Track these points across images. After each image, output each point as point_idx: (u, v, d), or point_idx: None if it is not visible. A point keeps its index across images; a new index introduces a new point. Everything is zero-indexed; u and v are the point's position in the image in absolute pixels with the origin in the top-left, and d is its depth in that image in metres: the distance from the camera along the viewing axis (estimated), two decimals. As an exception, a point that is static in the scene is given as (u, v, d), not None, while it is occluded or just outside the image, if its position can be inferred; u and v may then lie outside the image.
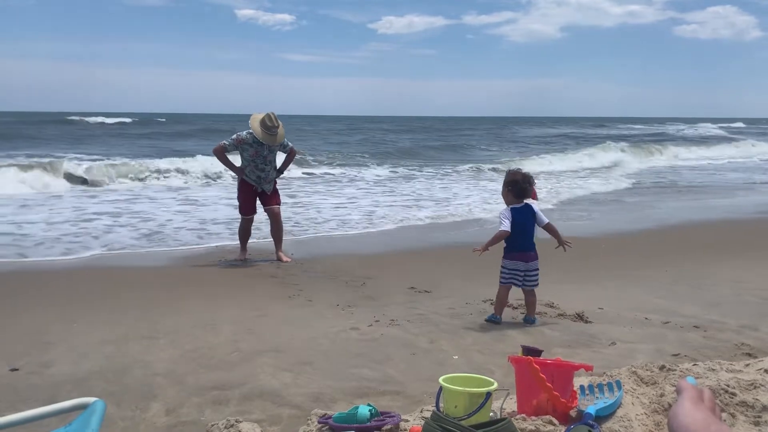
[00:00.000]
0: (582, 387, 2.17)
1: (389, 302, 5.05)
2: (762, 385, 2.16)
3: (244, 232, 7.07)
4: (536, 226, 4.57)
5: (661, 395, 2.17)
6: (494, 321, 4.46)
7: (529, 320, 4.47)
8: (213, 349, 3.87)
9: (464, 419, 1.84)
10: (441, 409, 1.99)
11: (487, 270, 4.89)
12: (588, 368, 2.21)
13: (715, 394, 2.10)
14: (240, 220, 7.13)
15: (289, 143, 7.12)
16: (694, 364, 2.49)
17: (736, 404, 2.08)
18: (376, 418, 2.11)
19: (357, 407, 2.13)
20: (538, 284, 4.52)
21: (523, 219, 4.50)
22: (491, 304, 4.73)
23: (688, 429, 0.90)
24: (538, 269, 4.52)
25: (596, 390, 2.15)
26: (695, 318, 4.44)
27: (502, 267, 4.54)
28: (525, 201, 4.58)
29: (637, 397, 2.18)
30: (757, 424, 2.01)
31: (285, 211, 8.06)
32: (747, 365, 2.46)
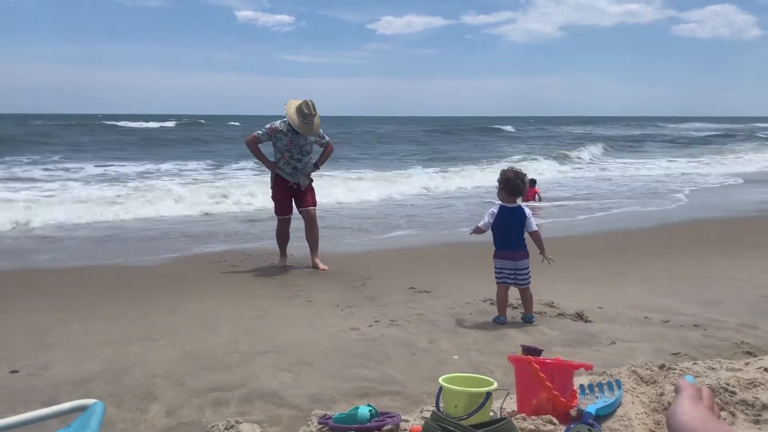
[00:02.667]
0: (582, 386, 2.18)
1: (389, 302, 5.05)
2: (762, 384, 2.16)
3: (282, 235, 6.71)
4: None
5: (661, 394, 2.17)
6: (499, 322, 4.48)
7: (527, 318, 4.48)
8: (213, 350, 3.87)
9: (464, 419, 1.84)
10: (441, 409, 1.99)
11: (486, 269, 4.88)
12: (588, 367, 2.21)
13: (715, 392, 2.10)
14: (276, 222, 6.76)
15: (326, 136, 6.70)
16: (694, 363, 2.49)
17: (736, 403, 2.09)
18: (376, 419, 2.11)
19: (357, 408, 2.13)
20: (529, 282, 4.54)
21: (512, 219, 4.54)
22: (491, 303, 4.75)
23: (686, 427, 0.90)
24: (528, 267, 4.55)
25: (596, 389, 2.15)
26: (695, 317, 4.44)
27: (495, 268, 4.60)
28: (519, 203, 4.64)
29: (637, 396, 2.18)
30: (756, 422, 2.01)
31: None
32: (747, 364, 2.46)
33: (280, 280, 6.03)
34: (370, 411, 2.12)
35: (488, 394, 1.92)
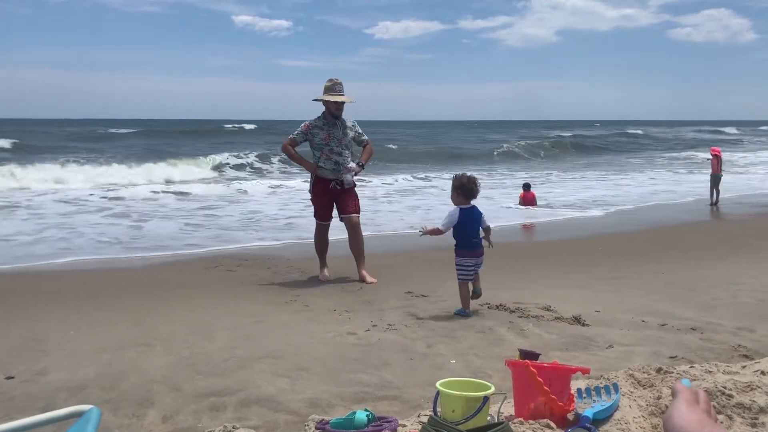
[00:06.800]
0: (579, 390, 2.17)
1: (386, 307, 5.04)
2: (759, 387, 2.16)
3: (321, 243, 6.35)
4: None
5: (658, 398, 2.17)
6: (463, 314, 4.65)
7: (476, 291, 4.79)
8: (209, 356, 3.86)
9: (461, 423, 1.84)
10: (438, 414, 1.98)
11: (483, 274, 4.89)
12: (585, 371, 2.21)
13: (712, 396, 2.10)
14: (315, 228, 6.38)
15: (365, 135, 6.42)
16: (691, 367, 2.49)
17: (733, 406, 2.08)
18: (373, 424, 2.11)
19: (354, 412, 2.12)
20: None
21: (471, 219, 4.77)
22: (488, 307, 4.76)
23: (683, 430, 0.90)
24: (483, 261, 4.85)
25: (593, 393, 2.15)
26: (692, 320, 4.44)
27: (457, 265, 4.78)
28: (472, 203, 4.84)
29: (635, 400, 2.18)
30: (754, 425, 2.01)
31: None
32: (744, 367, 2.46)
33: (276, 286, 6.02)
34: (367, 416, 2.11)
35: (485, 399, 1.92)
